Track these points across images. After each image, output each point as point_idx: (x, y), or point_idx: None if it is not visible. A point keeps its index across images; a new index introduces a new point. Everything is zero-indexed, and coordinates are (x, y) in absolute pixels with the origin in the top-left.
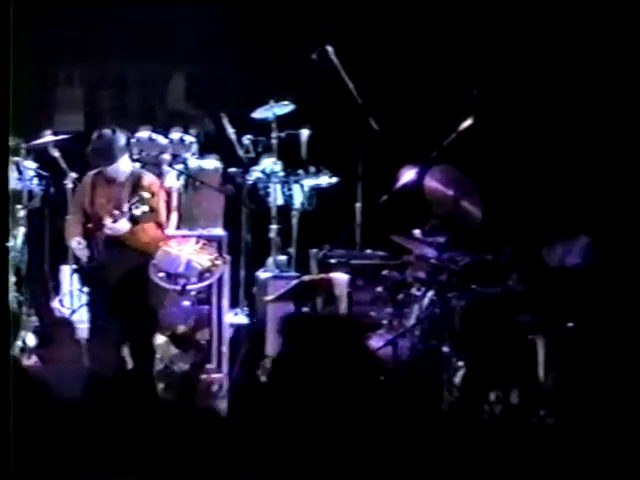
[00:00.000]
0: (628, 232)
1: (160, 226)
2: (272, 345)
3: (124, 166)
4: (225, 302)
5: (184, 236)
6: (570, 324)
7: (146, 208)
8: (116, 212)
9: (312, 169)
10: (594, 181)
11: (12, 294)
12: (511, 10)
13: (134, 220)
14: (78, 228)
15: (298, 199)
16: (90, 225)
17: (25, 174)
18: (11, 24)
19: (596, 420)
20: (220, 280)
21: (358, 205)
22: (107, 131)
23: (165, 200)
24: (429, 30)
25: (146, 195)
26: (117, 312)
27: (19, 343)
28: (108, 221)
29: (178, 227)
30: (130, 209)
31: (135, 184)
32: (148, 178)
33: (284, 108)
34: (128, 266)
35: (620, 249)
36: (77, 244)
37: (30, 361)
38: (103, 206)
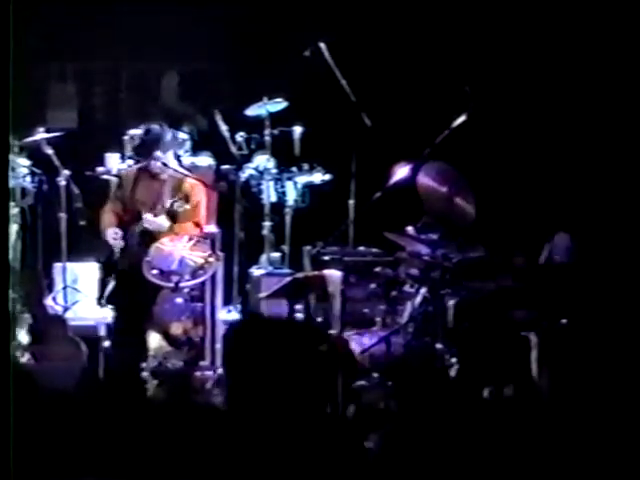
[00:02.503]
0: (622, 229)
1: (198, 225)
2: None
3: (171, 161)
4: (218, 299)
5: (177, 233)
6: (563, 321)
7: (187, 206)
8: (158, 207)
9: (305, 166)
10: (587, 178)
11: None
12: (503, 7)
13: (173, 217)
14: (114, 218)
15: (291, 196)
16: (126, 217)
17: (18, 171)
18: (11, 23)
19: (590, 416)
20: (213, 277)
21: (351, 202)
22: (155, 126)
23: (206, 201)
24: (422, 27)
25: (191, 192)
26: (142, 306)
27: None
28: (148, 215)
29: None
30: (172, 205)
31: (177, 186)
32: (190, 181)
33: (277, 105)
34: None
35: (613, 246)
36: (114, 234)
37: (23, 359)
38: (143, 200)
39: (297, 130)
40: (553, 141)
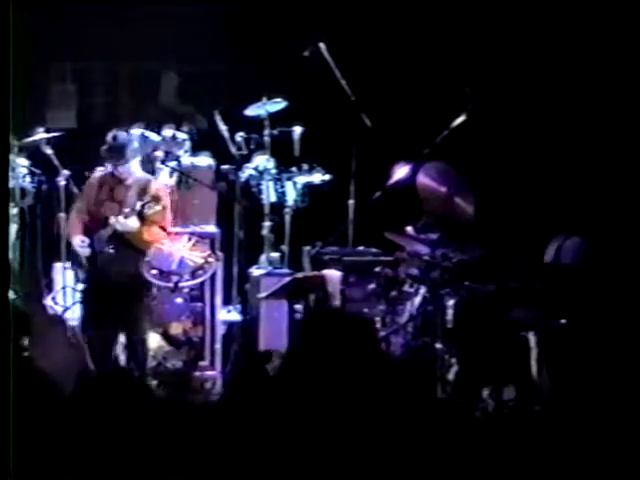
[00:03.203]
0: (622, 229)
1: (164, 230)
2: (265, 342)
3: (135, 168)
4: (218, 299)
5: (177, 233)
6: (562, 321)
7: (158, 207)
8: (127, 210)
9: (305, 166)
10: (588, 178)
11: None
12: (503, 7)
13: (142, 219)
14: (80, 226)
15: (291, 196)
16: (92, 224)
17: (17, 172)
18: (11, 22)
19: (590, 416)
20: (213, 277)
21: (351, 202)
22: (122, 132)
23: (170, 204)
24: (422, 27)
25: (159, 195)
26: (115, 309)
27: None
28: (119, 218)
29: (171, 224)
30: (143, 207)
31: (143, 187)
32: (155, 184)
33: (277, 105)
34: (130, 264)
35: (613, 246)
36: (80, 242)
37: (22, 359)
38: (109, 205)
39: (297, 130)
40: (553, 141)
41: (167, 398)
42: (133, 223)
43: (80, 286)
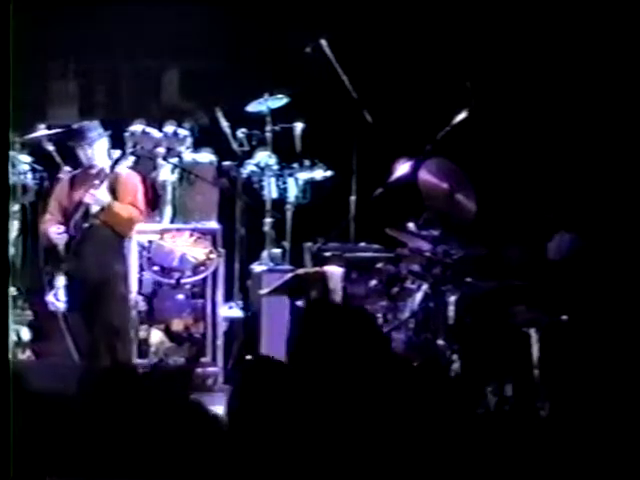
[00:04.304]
0: (622, 226)
1: (135, 207)
2: (267, 338)
3: (99, 153)
4: (219, 296)
5: (178, 229)
6: (564, 317)
7: (127, 162)
8: (96, 181)
9: (306, 162)
10: (588, 175)
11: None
12: (503, 3)
13: (113, 193)
14: (53, 221)
15: (292, 192)
16: (65, 215)
17: (19, 168)
18: (11, 19)
19: (591, 412)
20: (214, 274)
21: (352, 198)
22: (87, 122)
23: (145, 190)
24: (423, 23)
25: (124, 180)
26: (92, 296)
27: (14, 337)
28: (90, 191)
29: (172, 221)
30: (113, 167)
31: (114, 175)
32: (126, 172)
33: (278, 101)
34: (105, 247)
35: (613, 242)
36: (56, 230)
37: (24, 355)
38: (80, 195)
39: (298, 126)
40: (554, 137)
41: (168, 395)
42: (103, 195)
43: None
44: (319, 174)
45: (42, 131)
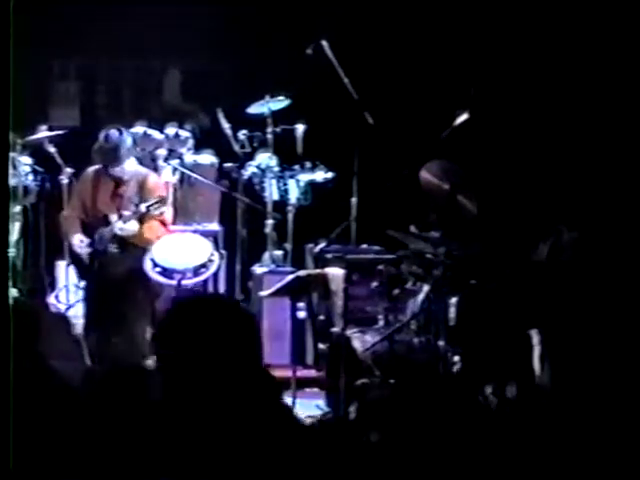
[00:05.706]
0: (623, 227)
1: (164, 224)
2: (268, 339)
3: (129, 166)
4: None
5: (180, 231)
6: (565, 318)
7: (164, 208)
8: (126, 213)
9: (308, 164)
10: (589, 175)
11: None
12: (506, 4)
13: (141, 219)
14: (77, 224)
15: (294, 194)
16: (89, 221)
17: (20, 170)
18: (11, 19)
19: (592, 414)
20: (216, 275)
21: (354, 200)
22: (114, 132)
23: (173, 200)
24: (425, 24)
25: (162, 195)
26: (117, 308)
27: None
28: (118, 223)
29: (174, 222)
30: (148, 210)
31: (141, 184)
32: (153, 179)
33: (279, 103)
34: (133, 261)
35: (616, 243)
36: (80, 242)
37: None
38: (107, 204)
39: (299, 128)
40: (556, 139)
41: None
42: (133, 227)
43: (82, 284)
44: (320, 176)
45: (43, 132)
